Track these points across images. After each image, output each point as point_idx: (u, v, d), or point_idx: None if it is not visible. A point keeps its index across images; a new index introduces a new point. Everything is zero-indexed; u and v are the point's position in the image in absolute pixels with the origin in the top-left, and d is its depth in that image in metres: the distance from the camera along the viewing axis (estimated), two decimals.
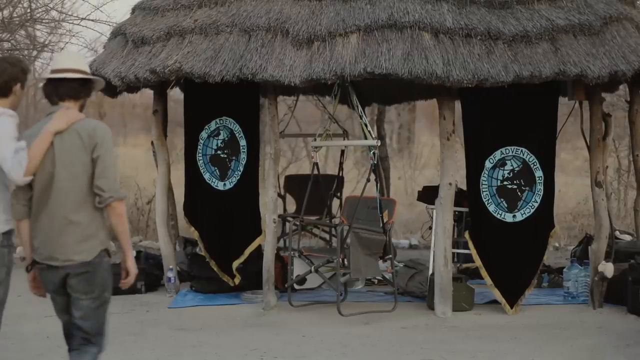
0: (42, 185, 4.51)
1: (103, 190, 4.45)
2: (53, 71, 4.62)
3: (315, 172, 8.33)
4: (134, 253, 9.65)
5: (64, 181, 4.47)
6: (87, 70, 4.70)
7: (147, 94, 9.73)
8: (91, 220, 4.51)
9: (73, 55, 4.83)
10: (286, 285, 8.00)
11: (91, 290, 4.53)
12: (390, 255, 7.87)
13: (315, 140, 8.19)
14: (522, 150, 7.81)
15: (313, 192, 8.39)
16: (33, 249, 4.62)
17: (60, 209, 4.48)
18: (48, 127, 4.48)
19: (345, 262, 7.54)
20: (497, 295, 7.83)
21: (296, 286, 8.32)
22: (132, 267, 4.63)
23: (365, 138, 8.16)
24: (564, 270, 8.42)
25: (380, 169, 7.80)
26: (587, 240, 9.28)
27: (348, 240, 7.50)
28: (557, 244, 11.78)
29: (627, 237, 9.34)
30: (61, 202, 4.47)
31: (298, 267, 8.06)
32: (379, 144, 8.05)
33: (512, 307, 7.80)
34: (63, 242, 4.49)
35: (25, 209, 4.60)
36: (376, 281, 9.07)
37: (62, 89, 4.59)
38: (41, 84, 5.11)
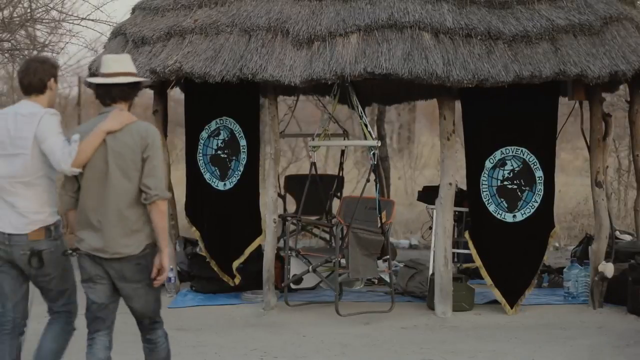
0: (92, 180, 4.77)
1: (150, 189, 4.72)
2: (104, 75, 4.90)
3: (314, 172, 8.33)
4: None
5: (117, 179, 4.73)
6: (135, 71, 5.04)
7: (147, 94, 9.73)
8: (139, 216, 4.78)
9: (122, 58, 5.05)
10: (282, 285, 8.00)
11: (143, 277, 4.80)
12: (388, 256, 7.88)
13: (313, 140, 8.19)
14: (522, 150, 7.81)
15: (313, 192, 8.40)
16: (77, 238, 4.86)
17: (113, 204, 4.73)
18: (102, 125, 4.76)
19: (343, 262, 7.54)
20: (497, 295, 7.83)
21: (294, 286, 8.33)
22: (166, 264, 4.83)
23: (366, 138, 8.16)
24: (564, 270, 8.42)
25: (380, 170, 7.80)
26: (587, 240, 9.28)
27: (347, 240, 7.51)
28: (557, 244, 11.78)
29: (627, 237, 9.33)
30: (114, 198, 4.73)
31: (296, 267, 8.06)
32: (379, 144, 8.06)
33: (512, 307, 7.80)
34: (113, 235, 4.74)
35: (72, 200, 4.89)
36: (376, 281, 9.07)
37: (115, 92, 4.88)
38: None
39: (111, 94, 4.89)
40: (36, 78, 5.00)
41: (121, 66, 4.95)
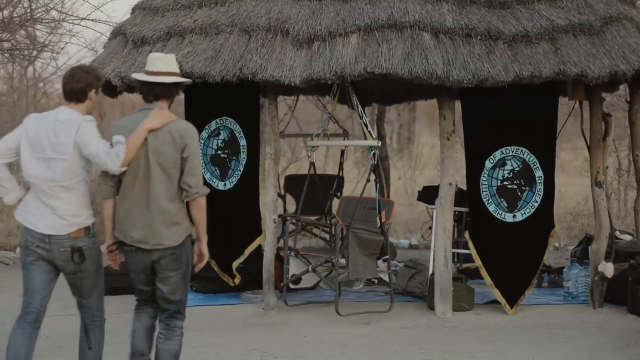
0: (134, 175, 5.03)
1: (191, 187, 5.02)
2: (149, 73, 5.12)
3: (313, 172, 8.33)
4: None
5: (157, 175, 5.01)
6: (179, 71, 5.23)
7: None
8: (178, 209, 5.07)
9: (167, 58, 5.24)
10: (281, 285, 8.00)
11: (179, 267, 5.11)
12: (388, 256, 7.87)
13: (312, 139, 8.18)
14: (522, 150, 7.81)
15: (312, 192, 8.39)
16: (116, 229, 5.15)
17: (154, 199, 5.01)
18: (144, 124, 5.00)
19: (342, 262, 7.54)
20: (497, 295, 7.83)
21: (293, 286, 8.33)
22: (206, 252, 5.18)
23: (366, 138, 8.16)
24: (564, 270, 8.42)
25: (380, 169, 7.79)
26: (587, 240, 9.28)
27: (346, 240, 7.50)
28: (557, 244, 11.78)
29: (627, 237, 9.34)
30: (153, 192, 5.01)
31: (295, 267, 8.06)
32: (380, 144, 8.05)
33: (512, 307, 7.80)
34: (154, 228, 5.03)
35: (112, 189, 5.13)
36: (376, 281, 9.07)
37: (158, 90, 5.12)
38: (41, 84, 5.51)
39: (154, 92, 5.12)
40: (78, 86, 5.15)
41: (166, 66, 5.14)
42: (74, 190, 5.11)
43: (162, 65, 5.15)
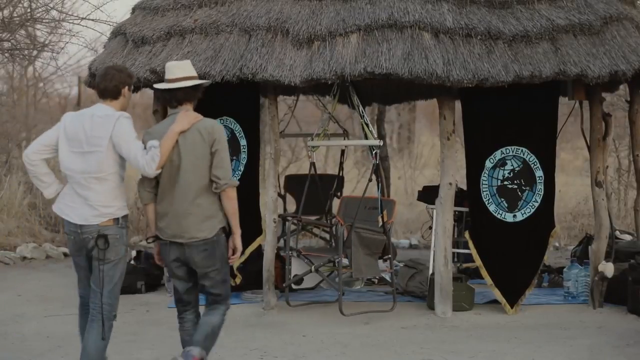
0: (168, 175, 5.36)
1: (219, 179, 5.32)
2: (168, 81, 5.47)
3: (313, 171, 8.33)
4: (134, 253, 9.75)
5: (189, 171, 5.32)
6: (196, 74, 5.55)
7: (148, 93, 9.74)
8: (211, 203, 5.37)
9: (183, 64, 5.56)
10: (284, 285, 8.00)
11: (213, 263, 5.39)
12: (390, 255, 7.87)
13: (312, 139, 8.18)
14: (522, 150, 7.81)
15: (312, 191, 8.39)
16: (157, 227, 5.46)
17: (187, 194, 5.33)
18: (174, 127, 5.34)
19: (345, 262, 7.54)
20: (498, 295, 7.83)
21: (294, 286, 8.32)
22: (239, 245, 5.47)
23: (366, 138, 8.15)
24: (564, 270, 8.42)
25: (380, 169, 7.79)
26: (587, 240, 9.27)
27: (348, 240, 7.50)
28: (557, 244, 11.78)
29: (627, 237, 9.34)
30: (187, 189, 5.33)
31: (297, 267, 8.06)
32: (382, 143, 8.05)
33: (512, 307, 7.80)
34: (188, 222, 5.34)
35: (151, 194, 5.46)
36: (376, 281, 9.07)
37: (179, 95, 5.46)
38: (41, 84, 5.69)
39: (176, 97, 5.45)
40: (112, 84, 5.44)
41: (182, 71, 5.48)
42: (107, 182, 5.35)
43: (179, 71, 5.47)
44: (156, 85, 5.64)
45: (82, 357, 5.52)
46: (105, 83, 5.46)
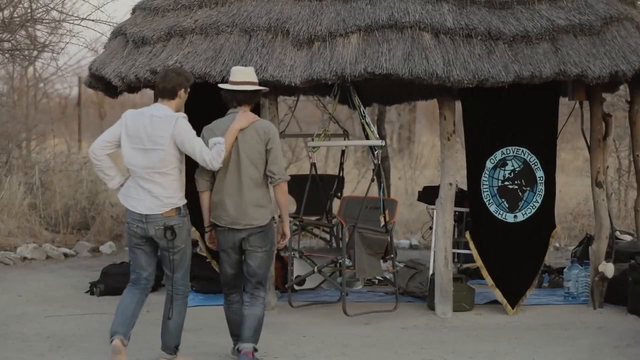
0: (226, 168, 5.99)
1: (274, 174, 6.01)
2: (232, 83, 6.13)
3: (313, 172, 8.32)
4: None
5: (247, 166, 5.98)
6: (257, 81, 6.22)
7: (148, 94, 9.73)
8: (264, 194, 6.07)
9: (247, 70, 6.24)
10: (286, 286, 8.00)
11: (265, 244, 6.06)
12: (392, 255, 7.87)
13: (312, 140, 8.18)
14: (523, 151, 7.81)
15: (313, 192, 8.38)
16: (211, 215, 6.10)
17: (245, 186, 5.98)
18: (234, 125, 5.99)
19: (347, 262, 7.54)
20: (498, 295, 7.83)
21: (296, 287, 8.32)
22: (288, 232, 6.20)
23: (367, 138, 8.15)
24: (565, 270, 8.42)
25: (381, 169, 7.79)
26: (587, 241, 9.27)
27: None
28: (557, 244, 11.78)
29: (628, 238, 9.34)
30: (244, 181, 5.98)
31: (298, 268, 8.05)
32: (383, 143, 8.06)
33: (513, 308, 7.80)
34: (245, 211, 5.99)
35: (208, 183, 6.09)
36: (376, 281, 9.07)
37: (240, 97, 6.12)
38: (42, 84, 6.07)
39: (237, 98, 6.11)
40: (170, 85, 5.99)
41: (245, 76, 6.14)
42: (168, 176, 5.91)
43: (243, 75, 6.14)
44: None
45: (163, 334, 6.11)
46: (164, 84, 5.99)
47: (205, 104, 8.37)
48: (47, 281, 9.39)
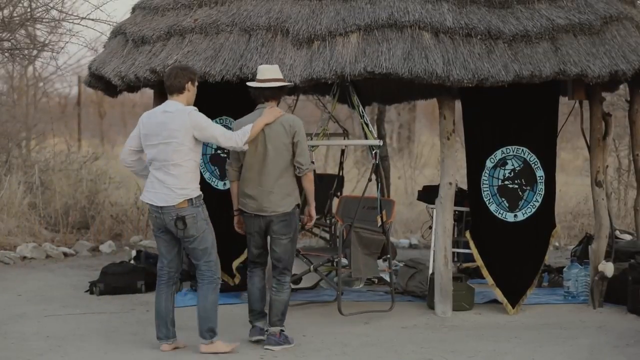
0: (254, 159, 6.50)
1: (302, 165, 6.50)
2: (259, 80, 6.56)
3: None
4: (134, 253, 9.75)
5: (273, 157, 6.46)
6: (282, 77, 6.68)
7: (147, 93, 9.72)
8: (289, 183, 6.52)
9: (273, 68, 6.66)
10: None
11: (288, 232, 6.56)
12: (389, 255, 7.87)
13: (312, 139, 8.18)
14: (523, 150, 7.81)
15: None
16: (240, 203, 6.64)
17: (270, 176, 6.47)
18: (262, 119, 6.44)
19: (344, 262, 7.53)
20: (499, 295, 7.83)
21: (293, 285, 8.30)
22: (314, 214, 6.71)
23: (366, 137, 8.15)
24: (564, 269, 8.42)
25: (380, 169, 7.79)
26: (587, 240, 9.27)
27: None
28: (557, 244, 11.78)
29: (627, 237, 9.34)
30: (271, 171, 6.47)
31: (296, 267, 8.03)
32: (382, 143, 8.05)
33: (514, 308, 7.79)
34: (271, 199, 6.48)
35: (237, 173, 6.66)
36: (376, 281, 9.07)
37: (267, 93, 6.57)
38: (41, 84, 6.25)
39: (264, 95, 6.56)
40: (176, 81, 6.38)
41: (271, 74, 6.58)
42: (182, 168, 6.24)
43: (269, 73, 6.57)
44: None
45: (198, 319, 6.41)
46: (171, 80, 6.38)
47: (205, 104, 8.39)
48: (46, 280, 9.39)
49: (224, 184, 8.26)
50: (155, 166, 6.32)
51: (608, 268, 7.85)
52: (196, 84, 6.53)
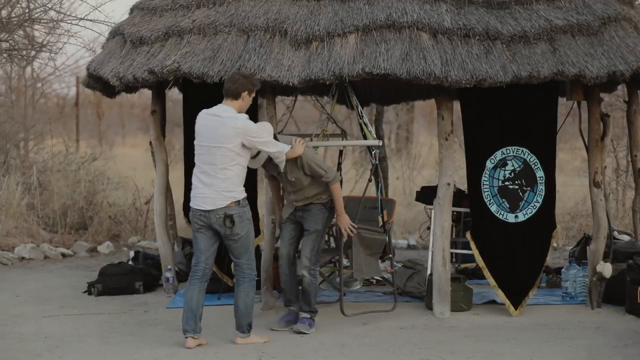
0: (291, 180, 7.04)
1: (324, 179, 7.04)
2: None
3: None
4: (132, 254, 9.73)
5: (306, 178, 7.01)
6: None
7: (146, 94, 9.73)
8: (318, 187, 7.10)
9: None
10: (282, 286, 7.98)
11: (317, 224, 7.14)
12: (390, 255, 7.86)
13: (311, 140, 8.18)
14: (522, 151, 7.81)
15: None
16: (284, 212, 7.33)
17: (305, 192, 7.12)
18: (293, 152, 6.90)
19: (345, 262, 7.53)
20: (501, 296, 7.81)
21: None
22: (344, 221, 7.20)
23: (365, 138, 8.15)
24: (563, 270, 8.42)
25: (379, 169, 7.78)
26: (585, 241, 9.28)
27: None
28: (555, 244, 11.77)
29: (626, 238, 9.34)
30: (302, 190, 7.10)
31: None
32: (381, 143, 8.05)
33: (516, 309, 7.78)
34: (305, 196, 7.14)
35: (277, 192, 7.52)
36: (374, 281, 9.07)
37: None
38: (40, 84, 6.68)
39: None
40: (234, 86, 6.58)
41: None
42: (229, 171, 6.47)
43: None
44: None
45: (235, 315, 6.71)
46: (229, 84, 6.59)
47: (203, 105, 8.39)
48: (45, 281, 9.39)
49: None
50: (202, 169, 6.53)
51: (606, 269, 7.85)
52: (253, 95, 6.69)
